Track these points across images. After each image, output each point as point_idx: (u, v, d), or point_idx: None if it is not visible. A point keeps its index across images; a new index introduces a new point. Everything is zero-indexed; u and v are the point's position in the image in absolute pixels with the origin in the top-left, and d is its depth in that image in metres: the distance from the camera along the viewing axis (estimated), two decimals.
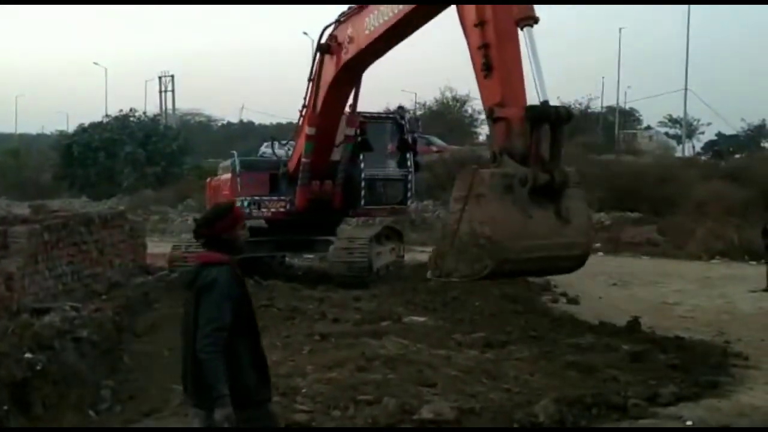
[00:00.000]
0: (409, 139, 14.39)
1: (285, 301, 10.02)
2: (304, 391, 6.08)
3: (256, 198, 14.05)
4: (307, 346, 7.82)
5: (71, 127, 46.05)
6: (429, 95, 69.12)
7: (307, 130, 12.85)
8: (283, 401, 5.83)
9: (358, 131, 13.47)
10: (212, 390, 3.33)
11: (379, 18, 9.70)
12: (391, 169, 14.50)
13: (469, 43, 7.07)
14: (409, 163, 14.35)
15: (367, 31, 10.10)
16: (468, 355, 7.81)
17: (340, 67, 11.27)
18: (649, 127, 58.98)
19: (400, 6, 9.11)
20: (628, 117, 60.61)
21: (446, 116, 52.61)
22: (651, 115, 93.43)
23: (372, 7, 9.89)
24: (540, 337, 8.99)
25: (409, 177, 14.34)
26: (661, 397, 6.40)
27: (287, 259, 16.30)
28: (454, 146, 36.49)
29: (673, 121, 62.01)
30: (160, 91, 49.28)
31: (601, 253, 20.77)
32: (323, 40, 11.48)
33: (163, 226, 26.91)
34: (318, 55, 11.85)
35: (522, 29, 6.48)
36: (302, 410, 5.65)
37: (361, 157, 13.74)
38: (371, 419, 5.42)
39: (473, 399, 6.00)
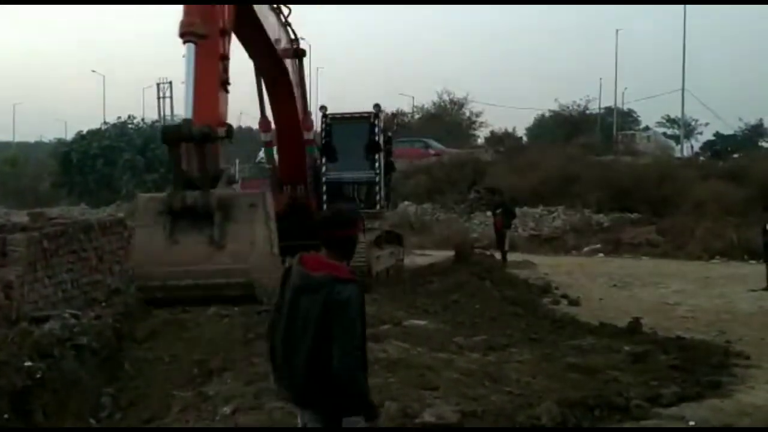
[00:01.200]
0: (380, 140, 13.92)
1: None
2: None
3: None
4: None
5: (70, 135, 45.94)
6: (426, 98, 69.28)
7: (262, 136, 13.22)
8: (285, 407, 5.81)
9: (320, 133, 13.49)
10: (362, 403, 3.58)
11: None
12: (356, 171, 14.10)
13: None
14: (377, 165, 13.90)
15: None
16: (469, 358, 7.79)
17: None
18: (647, 128, 58.96)
19: None
20: (627, 118, 60.63)
21: (444, 119, 52.58)
22: (649, 116, 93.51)
23: None
24: (541, 339, 8.99)
25: (377, 179, 13.90)
26: (664, 398, 6.39)
27: (286, 263, 16.24)
28: (452, 149, 36.48)
29: (671, 122, 62.04)
30: (159, 98, 49.25)
31: (601, 255, 20.82)
32: None
33: None
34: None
35: (184, 44, 6.30)
36: None
37: (322, 160, 13.69)
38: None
39: (475, 402, 5.97)
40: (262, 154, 14.04)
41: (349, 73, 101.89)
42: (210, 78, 6.50)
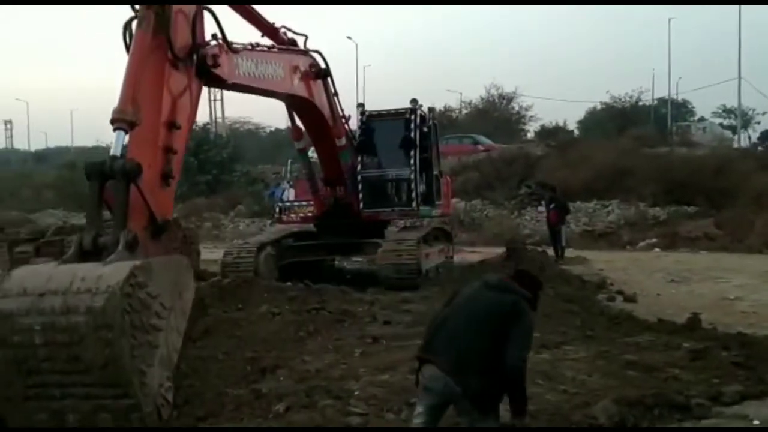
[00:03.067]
0: (415, 136, 13.78)
1: (335, 304, 10.01)
2: (357, 393, 6.06)
3: (296, 203, 14.90)
4: (359, 349, 7.81)
5: (125, 139, 47.07)
6: (474, 93, 68.68)
7: (295, 144, 13.49)
8: (336, 404, 5.82)
9: (353, 135, 13.57)
10: (523, 401, 4.48)
11: None
12: (389, 169, 14.02)
13: None
14: (412, 162, 13.77)
15: None
16: None
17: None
18: (702, 119, 57.52)
19: None
20: (681, 109, 59.24)
21: (492, 114, 52.11)
22: (704, 107, 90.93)
23: None
24: (597, 336, 8.80)
25: (412, 176, 13.70)
26: (725, 396, 6.17)
27: (336, 262, 16.36)
28: (502, 144, 36.13)
29: (728, 112, 60.37)
30: (210, 101, 50.08)
31: (657, 249, 20.36)
32: None
33: (216, 232, 27.33)
34: None
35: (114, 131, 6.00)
36: (356, 413, 5.63)
37: (360, 158, 13.74)
38: None
39: (529, 401, 5.86)
40: (311, 153, 14.13)
41: (396, 69, 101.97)
42: (146, 171, 5.98)
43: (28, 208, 34.61)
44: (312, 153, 14.37)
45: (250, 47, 8.91)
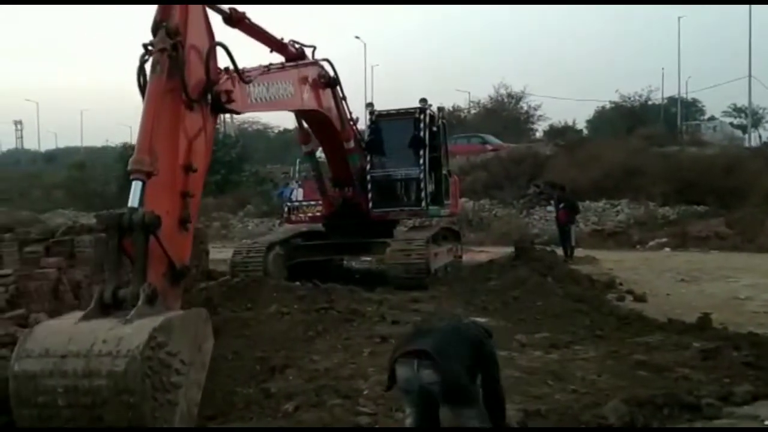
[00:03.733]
0: (424, 135, 13.78)
1: (344, 303, 10.01)
2: (366, 393, 6.05)
3: (304, 203, 14.92)
4: (368, 348, 7.80)
5: (135, 139, 47.29)
6: (483, 93, 68.60)
7: (303, 147, 13.58)
8: (345, 403, 5.82)
9: (361, 138, 13.63)
10: (504, 414, 4.70)
11: None
12: (398, 168, 14.02)
13: None
14: (421, 161, 13.75)
15: None
16: (532, 356, 7.66)
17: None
18: (713, 118, 57.24)
19: None
20: (691, 108, 58.96)
21: (501, 114, 52.03)
22: (714, 106, 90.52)
23: None
24: (606, 336, 8.76)
25: (421, 176, 13.70)
26: (736, 396, 6.12)
27: (345, 262, 16.37)
28: (510, 144, 36.06)
29: (738, 111, 60.07)
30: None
31: (667, 249, 20.28)
32: None
33: (225, 232, 27.40)
34: None
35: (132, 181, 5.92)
36: (365, 412, 5.62)
37: (368, 158, 13.76)
38: None
39: (539, 401, 5.86)
40: (319, 152, 14.17)
41: (405, 68, 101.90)
42: (165, 218, 5.92)
43: (38, 208, 34.80)
44: (320, 153, 14.41)
45: (261, 71, 8.82)
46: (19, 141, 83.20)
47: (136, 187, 5.85)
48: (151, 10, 6.56)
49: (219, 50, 7.21)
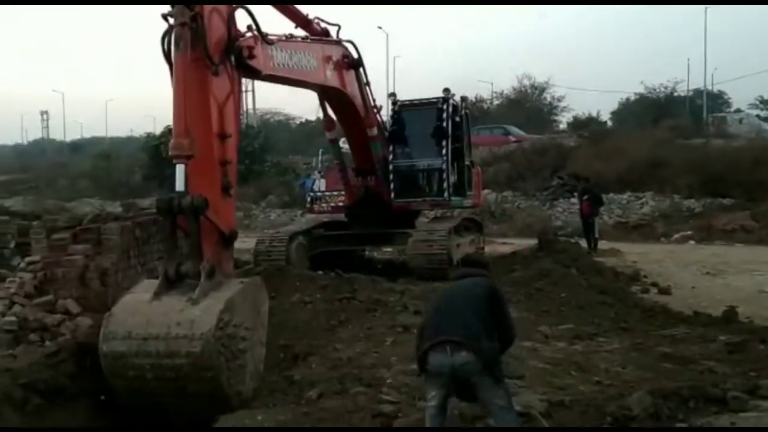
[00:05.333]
0: (447, 126, 13.71)
1: (366, 293, 10.04)
2: (389, 381, 6.08)
3: (327, 193, 14.96)
4: (390, 338, 7.82)
5: (159, 129, 47.63)
6: (506, 84, 68.10)
7: (327, 134, 13.58)
8: (369, 392, 5.85)
9: (384, 125, 13.59)
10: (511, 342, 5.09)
11: None
12: (421, 159, 13.94)
13: None
14: (444, 152, 13.67)
15: None
16: (556, 347, 7.63)
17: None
18: (739, 110, 56.36)
19: None
20: (717, 100, 58.09)
21: (524, 105, 51.63)
22: (741, 98, 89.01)
23: None
24: (631, 328, 8.71)
25: (443, 166, 13.63)
26: (762, 389, 6.03)
27: (367, 252, 16.39)
28: (533, 135, 35.80)
29: (765, 103, 59.02)
30: (241, 92, 50.61)
31: (692, 242, 20.04)
32: None
33: (247, 222, 27.55)
34: None
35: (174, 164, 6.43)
36: (388, 401, 5.64)
37: (391, 148, 13.71)
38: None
39: (562, 392, 5.84)
40: (341, 143, 14.19)
41: (427, 59, 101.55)
42: (208, 190, 6.56)
43: (64, 197, 35.20)
44: (343, 143, 14.42)
45: (284, 38, 8.96)
46: (45, 131, 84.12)
47: (180, 170, 6.28)
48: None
49: (241, 15, 7.33)
